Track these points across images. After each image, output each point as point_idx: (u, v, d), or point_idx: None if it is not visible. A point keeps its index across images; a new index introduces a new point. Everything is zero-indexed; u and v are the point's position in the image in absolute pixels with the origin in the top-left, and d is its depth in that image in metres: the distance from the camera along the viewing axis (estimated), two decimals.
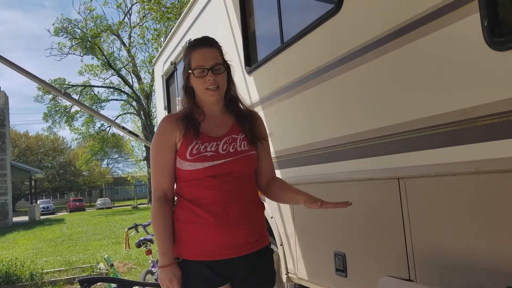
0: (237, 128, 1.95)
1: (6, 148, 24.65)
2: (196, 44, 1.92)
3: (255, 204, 1.95)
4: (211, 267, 1.84)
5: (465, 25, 1.74)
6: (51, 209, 38.48)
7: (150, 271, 5.30)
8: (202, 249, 1.84)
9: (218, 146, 1.86)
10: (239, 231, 1.84)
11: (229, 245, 1.83)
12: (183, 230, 1.87)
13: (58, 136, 49.56)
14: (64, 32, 31.01)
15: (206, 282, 1.85)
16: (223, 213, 1.82)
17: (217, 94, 1.89)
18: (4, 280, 7.07)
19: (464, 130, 1.77)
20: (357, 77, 2.39)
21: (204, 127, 1.91)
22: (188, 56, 1.91)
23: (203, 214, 1.82)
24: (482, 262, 1.76)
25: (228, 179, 1.84)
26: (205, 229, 1.83)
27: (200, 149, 1.84)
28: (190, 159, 1.84)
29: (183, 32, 5.49)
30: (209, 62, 1.86)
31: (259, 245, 1.91)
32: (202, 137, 1.87)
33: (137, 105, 33.78)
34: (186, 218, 1.87)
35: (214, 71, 1.85)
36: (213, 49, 1.90)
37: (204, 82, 1.86)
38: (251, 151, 1.93)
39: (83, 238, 14.34)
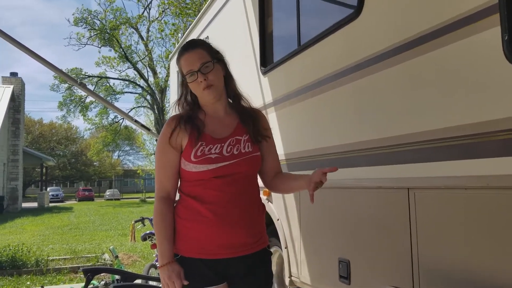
0: (241, 128, 1.96)
1: (20, 134, 24.94)
2: (181, 51, 1.94)
3: (256, 206, 1.96)
4: (208, 265, 1.85)
5: (485, 38, 1.72)
6: (60, 197, 38.82)
7: (154, 265, 5.32)
8: (201, 247, 1.85)
9: (222, 148, 1.87)
10: (239, 232, 1.85)
11: (228, 245, 1.84)
12: (183, 227, 1.89)
13: (71, 125, 49.98)
14: (84, 22, 31.23)
15: (203, 280, 1.85)
16: (224, 213, 1.83)
17: (214, 92, 1.90)
18: (10, 264, 7.16)
19: (478, 144, 1.75)
20: (373, 84, 2.38)
21: (208, 129, 1.92)
22: (179, 66, 1.95)
23: (204, 212, 1.84)
24: (488, 278, 1.74)
25: (231, 180, 1.85)
26: (205, 228, 1.84)
27: (205, 151, 1.85)
28: (194, 161, 1.85)
29: (201, 29, 5.50)
30: (195, 64, 1.87)
31: (258, 247, 1.92)
32: (207, 138, 1.88)
33: (151, 99, 33.92)
34: (187, 215, 1.88)
35: (203, 71, 1.87)
36: (197, 50, 1.90)
37: (198, 85, 1.88)
38: (255, 152, 1.94)
39: (90, 228, 14.45)
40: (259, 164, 1.97)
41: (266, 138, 2.01)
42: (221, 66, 1.95)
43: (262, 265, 1.95)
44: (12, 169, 24.51)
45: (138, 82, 34.45)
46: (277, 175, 2.07)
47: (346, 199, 2.68)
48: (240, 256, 1.86)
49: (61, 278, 6.83)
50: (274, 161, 2.08)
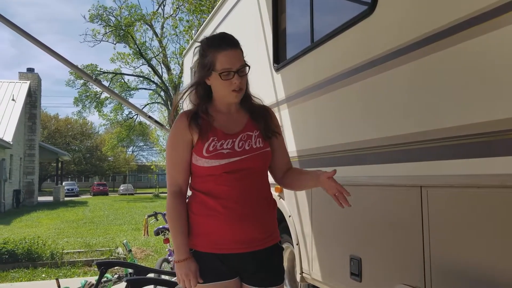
0: (252, 125, 1.96)
1: (36, 129, 25.26)
2: (221, 44, 1.86)
3: (268, 201, 1.96)
4: (221, 259, 1.86)
5: (502, 34, 1.70)
6: (75, 191, 39.30)
7: (166, 259, 5.36)
8: (213, 241, 1.87)
9: (234, 143, 1.87)
10: (251, 227, 1.86)
11: (240, 240, 1.85)
12: (196, 222, 1.90)
13: (87, 120, 50.44)
14: (99, 19, 31.50)
15: (216, 274, 1.87)
16: (235, 208, 1.84)
17: (240, 96, 1.91)
18: (26, 256, 7.28)
19: (491, 142, 1.73)
20: (386, 82, 2.36)
21: (220, 124, 1.92)
22: (212, 56, 1.85)
23: (216, 207, 1.85)
24: (500, 277, 1.72)
25: (242, 175, 1.86)
26: (217, 223, 1.85)
27: (217, 146, 1.86)
28: (206, 156, 1.85)
29: (215, 25, 5.51)
30: (235, 65, 1.84)
31: (269, 242, 1.92)
32: (218, 134, 1.89)
33: (165, 95, 34.10)
34: (199, 210, 1.90)
35: (240, 73, 1.86)
36: (238, 51, 1.88)
37: (230, 85, 1.86)
38: (266, 148, 1.94)
39: (104, 222, 14.61)
40: (269, 159, 1.98)
41: (276, 135, 2.01)
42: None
43: (273, 260, 1.95)
44: (28, 164, 24.87)
45: (152, 79, 34.67)
46: (287, 172, 2.07)
47: (359, 196, 2.67)
48: (252, 251, 1.87)
49: (76, 271, 6.93)
50: (284, 158, 2.08)
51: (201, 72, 1.91)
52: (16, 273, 6.77)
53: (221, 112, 1.95)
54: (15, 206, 21.97)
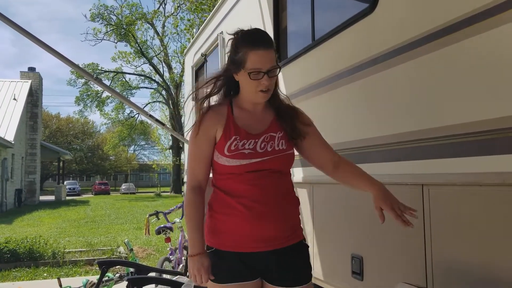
0: (276, 125, 1.92)
1: (37, 128, 25.30)
2: (255, 43, 1.82)
3: (290, 199, 1.92)
4: (241, 259, 1.84)
5: (504, 32, 1.69)
6: (77, 191, 39.37)
7: (167, 258, 5.37)
8: (234, 240, 1.85)
9: (256, 144, 1.84)
10: (271, 225, 1.82)
11: (260, 238, 1.82)
12: (217, 220, 1.88)
13: (88, 119, 50.53)
14: (100, 18, 31.53)
15: (235, 275, 1.84)
16: (256, 206, 1.81)
17: (267, 97, 1.88)
18: (27, 256, 7.29)
19: (494, 140, 1.72)
20: (387, 80, 2.35)
21: (244, 123, 1.89)
22: (244, 53, 1.81)
23: (236, 206, 1.83)
24: (503, 276, 1.72)
25: (263, 174, 1.83)
26: (237, 221, 1.83)
27: (238, 146, 1.83)
28: (228, 155, 1.83)
29: (216, 24, 5.51)
30: (266, 66, 1.81)
31: (291, 240, 1.88)
32: (241, 133, 1.86)
33: (166, 94, 34.15)
34: (220, 208, 1.88)
35: (269, 74, 1.82)
36: (271, 50, 1.83)
37: (258, 85, 1.83)
38: (288, 150, 1.90)
39: (106, 221, 14.63)
40: (291, 162, 1.93)
41: (304, 135, 1.94)
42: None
43: (297, 259, 1.90)
44: (30, 163, 24.91)
45: (154, 77, 34.74)
46: (339, 166, 1.97)
47: (360, 195, 2.66)
48: (273, 249, 1.84)
49: (77, 270, 6.94)
50: (325, 153, 1.99)
51: (230, 66, 1.88)
52: (18, 272, 6.78)
53: (246, 110, 1.92)
54: (17, 206, 22.01)
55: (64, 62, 3.56)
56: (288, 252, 1.87)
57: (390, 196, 1.82)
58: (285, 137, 1.90)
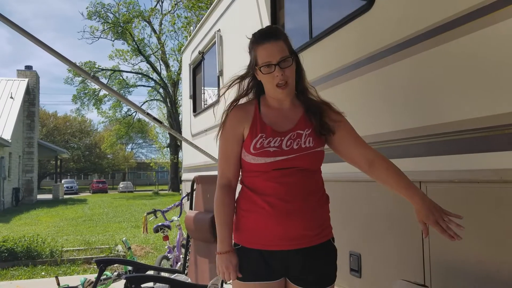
0: (304, 122, 1.88)
1: (35, 126, 25.22)
2: (260, 38, 1.85)
3: (318, 198, 1.88)
4: (266, 257, 1.83)
5: (500, 29, 1.69)
6: (74, 189, 39.26)
7: (166, 256, 5.37)
8: (258, 237, 1.84)
9: (282, 141, 1.83)
10: (296, 224, 1.80)
11: (285, 236, 1.81)
12: (243, 218, 1.89)
13: (85, 118, 50.40)
14: (97, 16, 31.44)
15: (259, 273, 1.84)
16: (281, 204, 1.80)
17: (287, 91, 1.84)
18: (25, 255, 7.28)
19: (491, 138, 1.72)
20: (385, 77, 2.35)
21: (271, 121, 1.88)
22: (254, 52, 1.86)
23: (261, 203, 1.82)
24: (500, 273, 1.72)
25: (290, 172, 1.81)
26: (262, 219, 1.82)
27: (264, 144, 1.82)
28: (253, 153, 1.83)
29: (213, 22, 5.50)
30: (275, 57, 1.80)
31: (318, 240, 1.85)
32: (267, 131, 1.85)
33: (163, 92, 34.08)
34: (246, 206, 1.88)
35: (281, 66, 1.80)
36: (278, 42, 1.82)
37: (272, 78, 1.82)
38: (316, 147, 1.85)
39: (104, 220, 14.61)
40: (320, 159, 1.89)
41: (334, 131, 1.89)
42: (295, 61, 1.88)
43: (322, 258, 1.87)
44: (27, 162, 24.84)
45: (151, 76, 34.64)
46: (374, 164, 1.86)
47: (358, 192, 2.67)
48: (298, 248, 1.82)
49: (75, 269, 6.93)
50: (356, 149, 1.90)
51: (249, 68, 1.91)
52: (15, 271, 6.77)
53: (273, 108, 1.91)
54: (14, 204, 21.96)
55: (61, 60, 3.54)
56: (313, 252, 1.84)
57: (433, 210, 1.69)
58: (313, 134, 1.86)
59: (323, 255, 1.87)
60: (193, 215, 3.26)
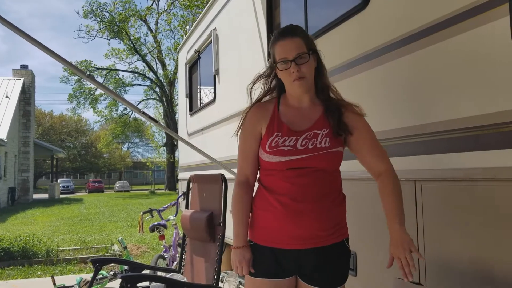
0: (323, 122, 1.88)
1: (30, 126, 25.15)
2: (277, 36, 1.89)
3: (333, 198, 1.88)
4: (277, 255, 1.85)
5: (494, 28, 1.70)
6: (70, 189, 39.18)
7: (162, 255, 5.37)
8: (270, 235, 1.86)
9: (297, 141, 1.83)
10: (309, 224, 1.81)
11: (297, 235, 1.81)
12: (257, 216, 1.91)
13: (81, 117, 50.34)
14: (93, 15, 31.36)
15: (269, 271, 1.86)
16: (293, 204, 1.80)
17: (304, 85, 1.85)
18: (21, 254, 7.26)
19: (485, 136, 1.73)
20: (380, 76, 2.36)
21: (288, 120, 1.89)
22: (272, 49, 1.89)
23: (274, 202, 1.84)
24: (494, 271, 1.73)
25: (304, 172, 1.81)
26: (274, 217, 1.84)
27: (279, 143, 1.83)
28: (268, 151, 1.85)
29: (209, 21, 5.49)
30: (291, 53, 1.82)
31: (331, 240, 1.85)
32: (284, 130, 1.86)
33: (160, 91, 34.03)
34: (260, 204, 1.90)
35: (297, 62, 1.82)
36: (295, 39, 1.85)
37: (289, 75, 1.84)
38: (333, 148, 1.84)
39: (100, 219, 14.59)
40: (336, 160, 1.88)
41: (351, 132, 1.89)
42: (314, 58, 1.90)
43: (334, 259, 1.87)
44: (23, 161, 24.77)
45: (147, 75, 34.60)
46: (379, 179, 1.90)
47: (353, 190, 2.67)
48: (310, 248, 1.82)
49: (71, 268, 6.92)
50: (368, 157, 1.92)
51: (270, 66, 1.94)
52: (11, 270, 6.75)
53: (292, 107, 1.92)
54: (10, 204, 21.90)
55: (57, 59, 3.53)
56: (326, 252, 1.84)
57: (404, 245, 1.74)
58: (331, 134, 1.86)
59: (336, 256, 1.88)
60: (189, 214, 3.26)
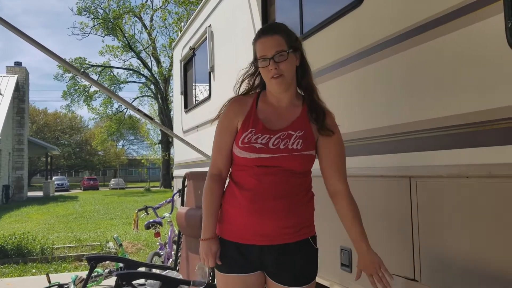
0: (299, 124, 1.88)
1: (24, 123, 25.01)
2: (259, 33, 1.91)
3: (300, 197, 1.88)
4: (241, 250, 1.86)
5: (488, 25, 1.70)
6: (65, 186, 39.04)
7: (157, 253, 5.36)
8: (235, 231, 1.88)
9: (270, 139, 1.83)
10: (272, 221, 1.81)
11: (260, 232, 1.82)
12: (225, 211, 1.93)
13: (76, 114, 50.08)
14: (87, 12, 31.18)
15: (235, 265, 1.88)
16: (258, 200, 1.81)
17: (282, 83, 1.85)
18: (15, 252, 7.23)
19: (480, 133, 1.74)
20: (375, 73, 2.36)
21: (265, 117, 1.89)
22: (254, 47, 1.91)
23: (240, 198, 1.85)
24: (489, 267, 1.74)
25: (273, 171, 1.82)
26: (240, 213, 1.86)
27: (251, 139, 1.84)
28: (240, 146, 1.86)
29: (204, 18, 5.47)
30: (270, 51, 1.82)
31: (295, 238, 1.85)
32: (259, 126, 1.86)
33: (155, 88, 33.92)
34: (228, 199, 1.92)
35: (276, 59, 1.82)
36: (275, 36, 1.85)
37: (268, 72, 1.84)
38: (304, 150, 1.83)
39: (95, 217, 14.55)
40: (306, 163, 1.86)
41: (326, 134, 1.88)
42: (296, 56, 1.89)
43: (298, 257, 1.87)
44: (17, 159, 24.63)
45: (142, 72, 34.47)
46: (334, 197, 1.96)
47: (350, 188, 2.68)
48: (273, 244, 1.83)
49: (66, 266, 6.90)
50: (330, 170, 1.92)
51: (253, 63, 1.95)
52: (6, 268, 6.72)
53: (270, 104, 1.93)
54: (5, 202, 21.79)
55: (51, 56, 3.51)
56: (288, 250, 1.85)
57: (374, 263, 1.86)
58: (305, 137, 1.86)
59: (299, 254, 1.88)
60: (184, 212, 3.26)
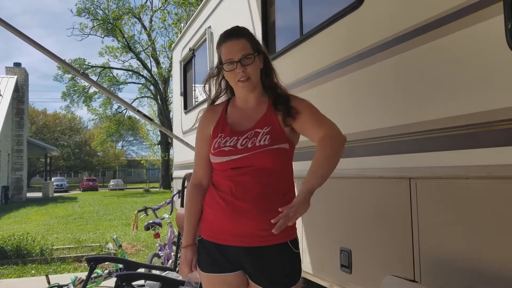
0: (265, 120, 1.89)
1: (24, 124, 24.99)
2: (223, 37, 1.92)
3: (278, 198, 1.83)
4: (219, 250, 1.89)
5: (488, 26, 1.70)
6: (64, 187, 38.99)
7: (157, 254, 5.35)
8: (213, 231, 1.91)
9: (238, 141, 1.87)
10: (249, 222, 1.82)
11: (236, 233, 1.84)
12: (205, 212, 1.97)
13: (75, 115, 50.03)
14: (86, 12, 31.18)
15: (215, 265, 1.90)
16: (233, 201, 1.84)
17: (248, 86, 1.89)
18: (15, 253, 7.22)
19: (479, 134, 1.74)
20: (374, 74, 2.36)
21: (233, 121, 1.94)
22: (218, 51, 1.93)
23: (218, 199, 1.89)
24: (489, 268, 1.74)
25: (246, 171, 1.84)
26: (217, 214, 1.89)
27: (221, 144, 1.89)
28: (212, 152, 1.91)
29: (203, 19, 5.48)
30: (237, 55, 1.85)
31: (273, 241, 1.81)
32: (227, 130, 1.91)
33: (154, 89, 33.91)
34: (208, 201, 1.95)
35: (243, 63, 1.85)
36: (240, 40, 1.88)
37: (234, 75, 1.86)
38: (273, 145, 1.83)
39: (94, 218, 14.53)
40: (276, 158, 1.85)
41: (299, 111, 1.88)
42: (260, 59, 1.92)
43: (274, 260, 1.84)
44: (16, 159, 24.61)
45: (142, 73, 34.46)
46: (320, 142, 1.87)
47: (348, 188, 2.68)
48: (249, 246, 1.83)
49: (66, 267, 6.89)
50: (312, 132, 1.90)
51: (217, 67, 1.96)
52: (5, 269, 6.71)
53: (238, 108, 1.97)
54: (4, 203, 21.76)
55: (50, 57, 3.51)
56: (265, 252, 1.83)
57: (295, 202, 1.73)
58: (272, 132, 1.86)
59: (275, 257, 1.84)
60: (184, 213, 3.25)
